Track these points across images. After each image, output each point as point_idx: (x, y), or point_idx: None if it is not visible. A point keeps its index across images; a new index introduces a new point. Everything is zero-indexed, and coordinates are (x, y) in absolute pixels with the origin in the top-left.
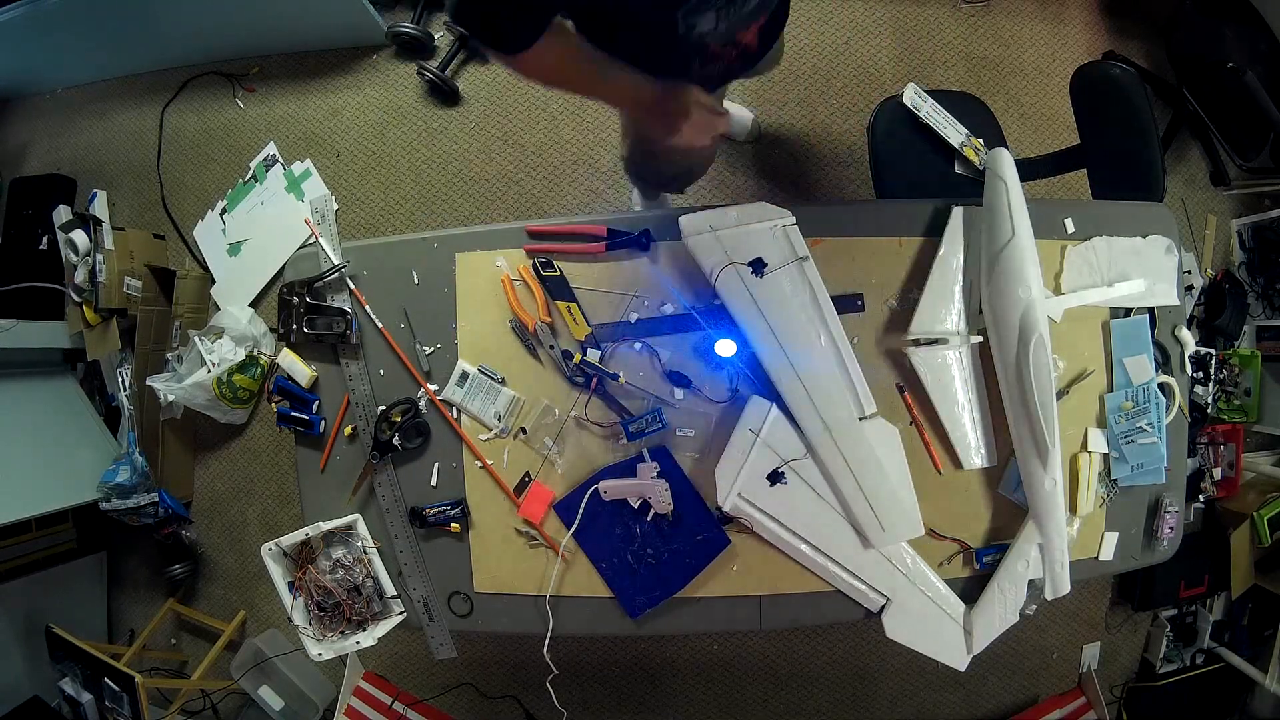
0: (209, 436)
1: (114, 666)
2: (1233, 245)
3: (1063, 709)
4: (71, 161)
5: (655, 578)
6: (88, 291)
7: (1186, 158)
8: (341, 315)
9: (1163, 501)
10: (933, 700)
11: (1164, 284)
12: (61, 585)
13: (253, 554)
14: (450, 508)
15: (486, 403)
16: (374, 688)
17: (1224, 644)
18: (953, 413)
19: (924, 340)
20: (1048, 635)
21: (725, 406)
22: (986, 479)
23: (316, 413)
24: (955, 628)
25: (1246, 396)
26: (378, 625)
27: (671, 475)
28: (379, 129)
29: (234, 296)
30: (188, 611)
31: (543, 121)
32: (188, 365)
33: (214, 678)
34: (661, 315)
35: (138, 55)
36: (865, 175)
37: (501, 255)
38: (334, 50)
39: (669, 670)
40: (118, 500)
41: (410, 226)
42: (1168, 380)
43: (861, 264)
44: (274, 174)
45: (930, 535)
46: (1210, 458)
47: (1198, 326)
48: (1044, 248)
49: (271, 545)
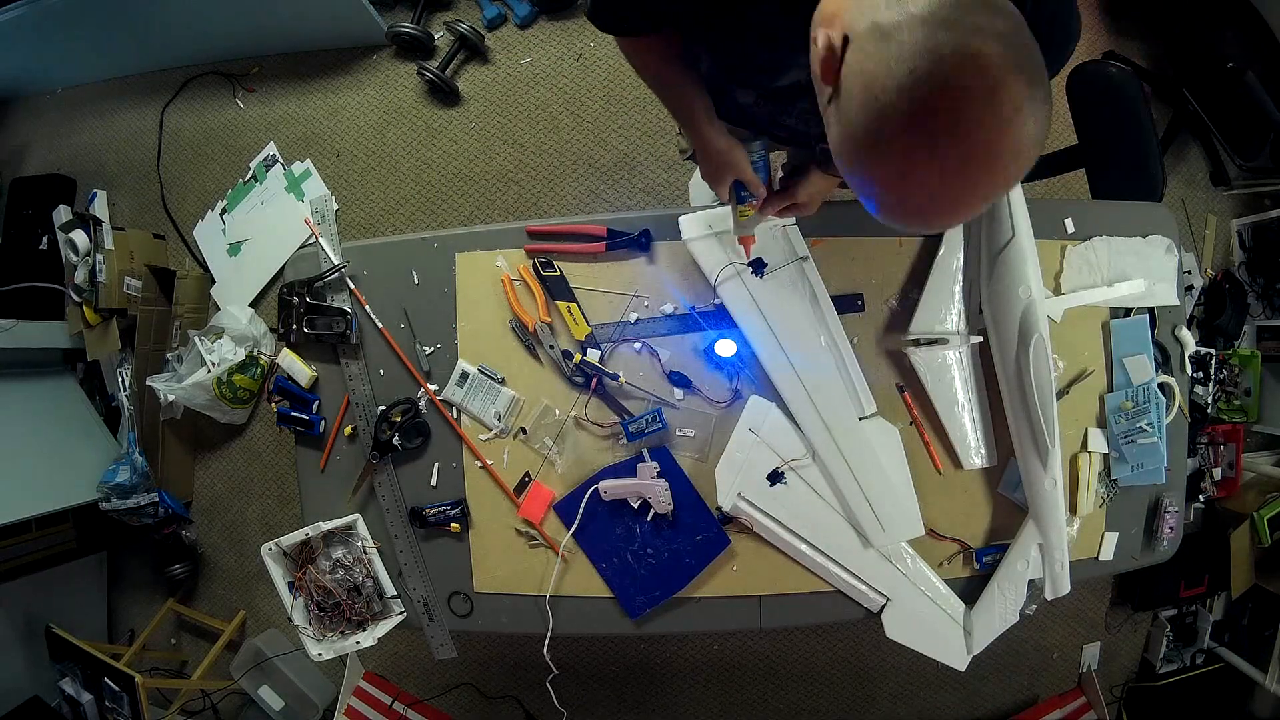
0: (209, 436)
1: (114, 666)
2: (1233, 245)
3: (1063, 709)
4: (71, 161)
5: (655, 578)
6: (88, 291)
7: (1186, 158)
8: (341, 315)
9: (1163, 501)
10: (933, 700)
11: (1164, 284)
12: (61, 585)
13: (253, 554)
14: (450, 508)
15: (486, 403)
16: (374, 688)
17: (1224, 644)
18: (953, 413)
19: (924, 340)
20: (1048, 635)
21: (725, 406)
22: (986, 479)
23: (316, 413)
24: (955, 628)
25: (1246, 396)
26: (378, 625)
27: (671, 475)
28: (379, 129)
29: (234, 296)
30: (188, 611)
31: (543, 121)
32: (188, 365)
33: (214, 678)
34: (661, 315)
35: (138, 55)
36: None
37: (501, 255)
38: (334, 50)
39: (669, 670)
40: (118, 500)
41: (410, 226)
42: (1168, 380)
43: (861, 264)
44: (274, 174)
45: (930, 535)
46: (1210, 458)
47: (1198, 326)
48: (1044, 248)
49: (271, 545)
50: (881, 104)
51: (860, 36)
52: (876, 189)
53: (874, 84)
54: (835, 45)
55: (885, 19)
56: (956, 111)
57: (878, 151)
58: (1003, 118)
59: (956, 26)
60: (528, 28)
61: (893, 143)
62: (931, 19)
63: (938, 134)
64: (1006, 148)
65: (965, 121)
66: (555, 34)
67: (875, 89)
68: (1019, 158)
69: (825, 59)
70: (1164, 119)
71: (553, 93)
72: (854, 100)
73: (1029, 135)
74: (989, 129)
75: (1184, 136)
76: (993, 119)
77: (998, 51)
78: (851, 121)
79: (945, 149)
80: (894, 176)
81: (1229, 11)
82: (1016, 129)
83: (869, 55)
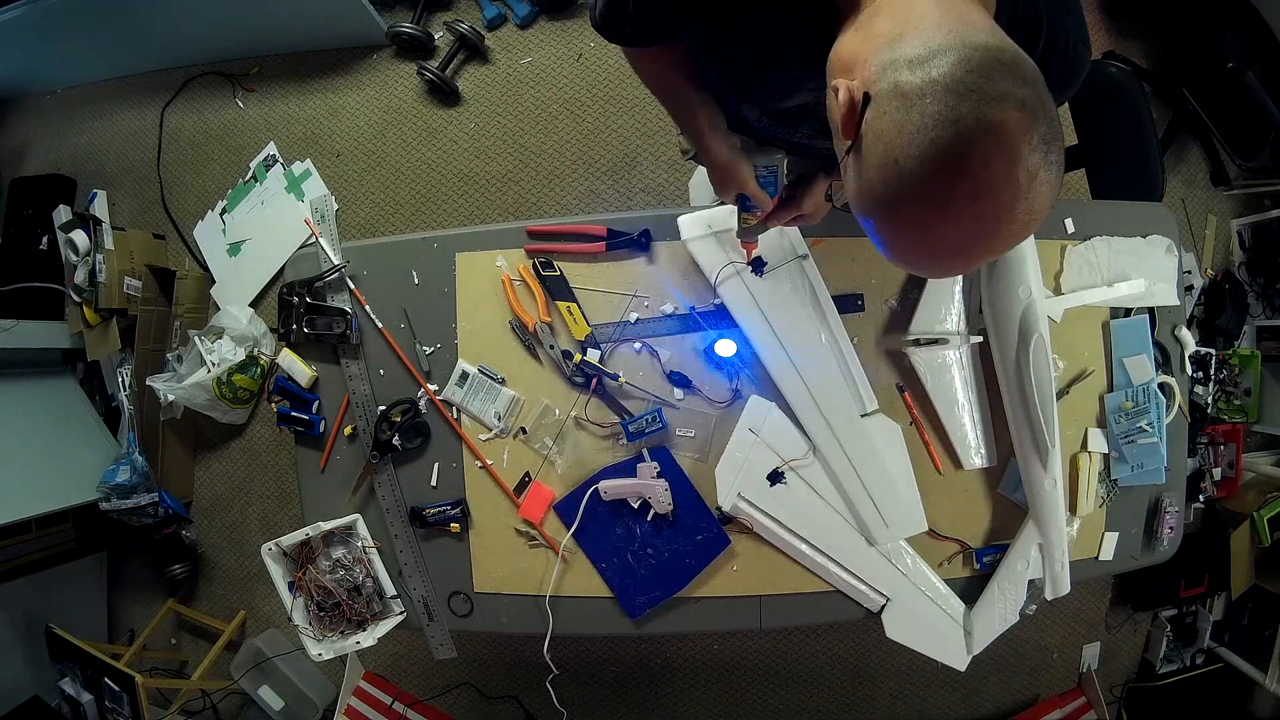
0: (209, 436)
1: (114, 666)
2: (1233, 245)
3: (1063, 709)
4: (71, 161)
5: (655, 578)
6: (88, 291)
7: (1186, 158)
8: (341, 315)
9: (1163, 501)
10: (933, 700)
11: (1164, 284)
12: (61, 585)
13: (253, 554)
14: (450, 508)
15: (486, 403)
16: (374, 688)
17: (1224, 644)
18: (953, 413)
19: (924, 340)
20: (1048, 635)
21: (725, 406)
22: (986, 479)
23: (316, 413)
24: (955, 628)
25: (1246, 396)
26: (378, 625)
27: (671, 475)
28: (379, 129)
29: (234, 296)
30: (188, 611)
31: (543, 121)
32: (188, 365)
33: (214, 678)
34: (661, 315)
35: (138, 55)
36: None
37: (501, 255)
38: (334, 50)
39: (669, 670)
40: (118, 500)
41: (410, 226)
42: (1168, 380)
43: (861, 264)
44: (274, 174)
45: (930, 535)
46: (1210, 458)
47: (1198, 326)
48: (1044, 248)
49: (271, 545)
50: (901, 169)
51: (882, 97)
52: (889, 240)
53: (894, 148)
54: (856, 101)
55: (908, 82)
56: (976, 182)
57: (894, 211)
58: (1019, 187)
59: (978, 95)
60: (528, 28)
61: (910, 205)
62: (954, 86)
63: (955, 201)
64: (1020, 213)
65: (984, 192)
66: (555, 34)
67: (895, 153)
68: (1032, 221)
69: (846, 115)
70: (1164, 119)
71: (553, 93)
72: (873, 160)
73: (1044, 200)
74: (1006, 198)
75: (1184, 136)
76: (1010, 189)
77: (1017, 120)
78: (870, 180)
79: (961, 215)
80: (908, 233)
81: (1229, 11)
82: (1032, 196)
83: (890, 118)
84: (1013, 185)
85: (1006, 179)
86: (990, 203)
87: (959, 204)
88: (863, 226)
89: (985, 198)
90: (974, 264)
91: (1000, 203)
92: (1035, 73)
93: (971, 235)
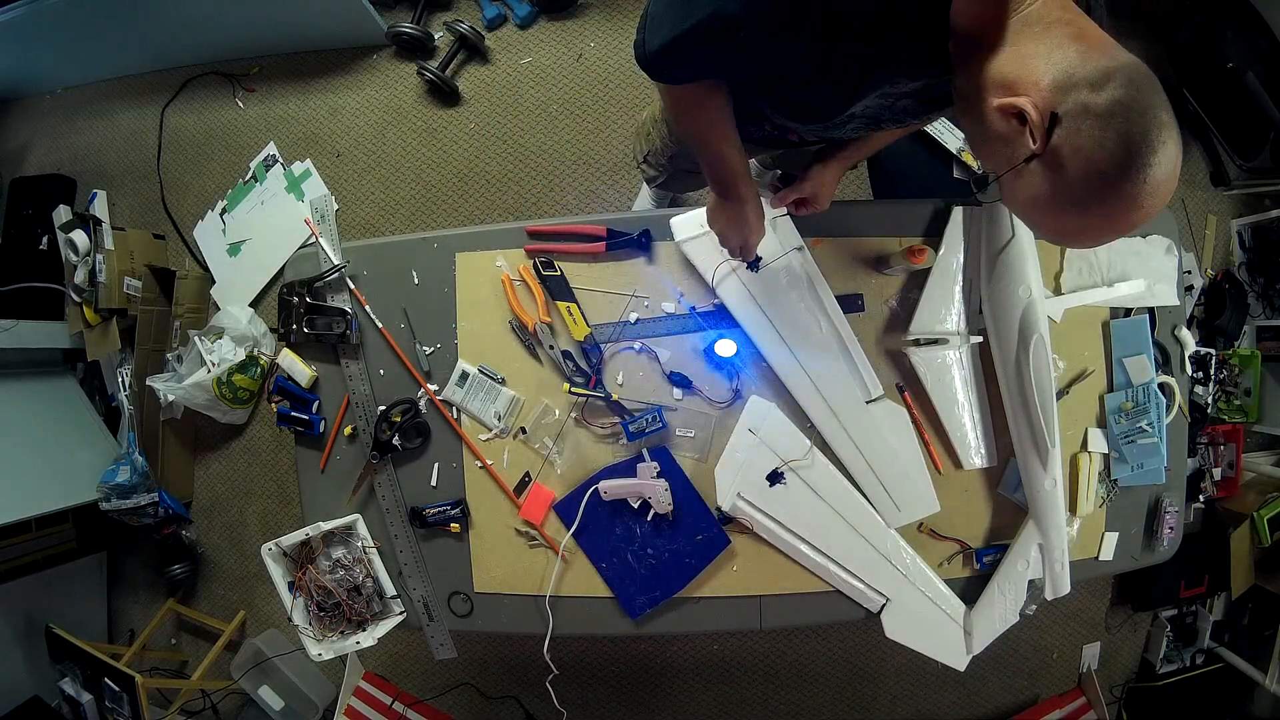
0: (209, 436)
1: (114, 666)
2: (1233, 245)
3: (1063, 709)
4: (71, 161)
5: (655, 578)
6: (88, 291)
7: (1187, 158)
8: (341, 315)
9: (1163, 501)
10: (933, 700)
11: (1164, 284)
12: (61, 585)
13: (253, 554)
14: (450, 508)
15: (486, 403)
16: (374, 688)
17: (1224, 644)
18: (953, 413)
19: (924, 340)
20: (1048, 635)
21: (725, 407)
22: (986, 479)
23: (316, 413)
24: (955, 628)
25: (1246, 396)
26: (378, 625)
27: (671, 475)
28: (379, 129)
29: (234, 296)
30: (188, 611)
31: (543, 121)
32: (188, 365)
33: (214, 678)
34: (661, 315)
35: (138, 55)
36: (864, 180)
37: (501, 255)
38: (334, 50)
39: (669, 670)
40: (118, 500)
41: (410, 226)
42: (1168, 380)
43: (862, 264)
44: (274, 174)
45: (930, 535)
46: (1210, 458)
47: (1198, 326)
48: (1044, 248)
49: (271, 545)
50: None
51: (1072, 115)
52: (1059, 229)
53: (1096, 161)
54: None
55: (1095, 104)
56: (1155, 185)
57: (1084, 209)
58: (1176, 181)
59: (1150, 110)
60: (528, 28)
61: (1100, 205)
62: (1133, 105)
63: (1141, 200)
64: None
65: (1160, 189)
66: (555, 34)
67: (1098, 165)
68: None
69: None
70: None
71: (553, 93)
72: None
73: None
74: (1168, 192)
75: (1184, 137)
76: (1175, 178)
77: (1172, 123)
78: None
79: (1148, 205)
80: (1089, 226)
81: (1229, 11)
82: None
83: (1087, 135)
84: (1177, 174)
85: (1175, 172)
86: (1165, 192)
87: (1150, 201)
88: (1024, 219)
89: (1163, 190)
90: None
91: (1170, 189)
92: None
93: (1145, 217)
